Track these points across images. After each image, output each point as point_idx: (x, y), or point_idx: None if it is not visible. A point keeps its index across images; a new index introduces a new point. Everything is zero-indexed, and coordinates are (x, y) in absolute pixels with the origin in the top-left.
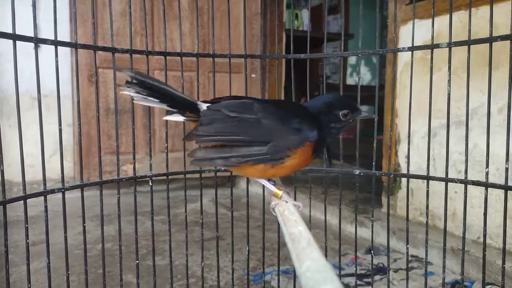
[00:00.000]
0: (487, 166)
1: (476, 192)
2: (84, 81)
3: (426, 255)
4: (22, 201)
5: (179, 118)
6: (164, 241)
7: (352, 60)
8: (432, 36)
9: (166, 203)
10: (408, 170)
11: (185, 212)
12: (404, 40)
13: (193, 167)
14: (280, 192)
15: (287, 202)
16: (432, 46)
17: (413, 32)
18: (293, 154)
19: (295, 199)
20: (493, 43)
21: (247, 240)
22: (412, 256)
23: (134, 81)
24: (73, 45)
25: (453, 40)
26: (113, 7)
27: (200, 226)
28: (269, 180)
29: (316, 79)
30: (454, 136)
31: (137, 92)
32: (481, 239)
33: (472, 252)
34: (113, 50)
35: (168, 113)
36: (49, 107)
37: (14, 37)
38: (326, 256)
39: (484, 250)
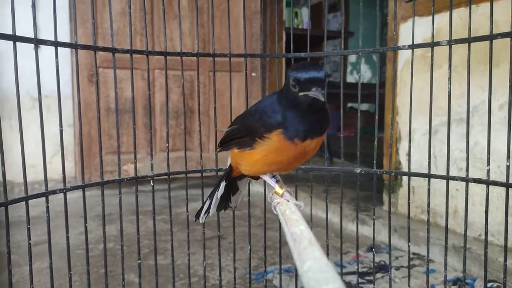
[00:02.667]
0: (488, 163)
1: (477, 190)
2: (84, 81)
3: (428, 252)
4: (24, 202)
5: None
6: (166, 241)
7: (352, 58)
8: (432, 34)
9: (168, 203)
10: (409, 168)
11: (187, 211)
12: (404, 37)
13: (194, 167)
14: (281, 191)
15: (288, 201)
16: (432, 44)
17: (413, 29)
18: (262, 140)
19: (296, 199)
20: (493, 40)
21: (248, 239)
22: (413, 253)
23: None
24: (73, 46)
25: (453, 38)
26: (113, 7)
27: (202, 225)
28: (272, 177)
29: None
30: (455, 133)
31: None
32: (483, 237)
33: (474, 249)
34: (114, 50)
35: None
36: (49, 108)
37: (14, 38)
38: (327, 254)
39: (486, 248)
